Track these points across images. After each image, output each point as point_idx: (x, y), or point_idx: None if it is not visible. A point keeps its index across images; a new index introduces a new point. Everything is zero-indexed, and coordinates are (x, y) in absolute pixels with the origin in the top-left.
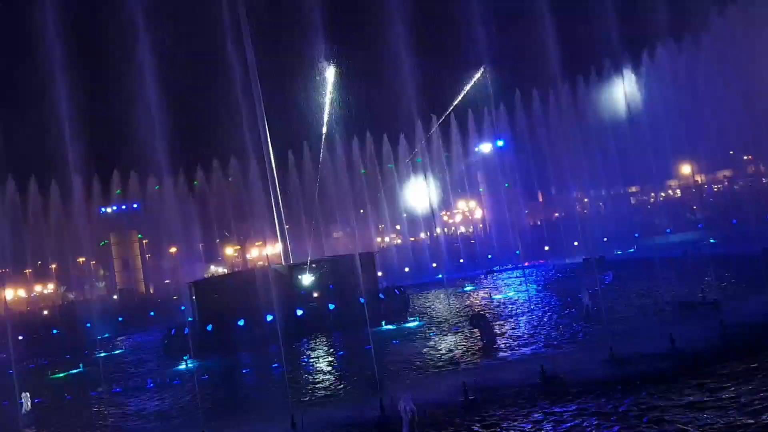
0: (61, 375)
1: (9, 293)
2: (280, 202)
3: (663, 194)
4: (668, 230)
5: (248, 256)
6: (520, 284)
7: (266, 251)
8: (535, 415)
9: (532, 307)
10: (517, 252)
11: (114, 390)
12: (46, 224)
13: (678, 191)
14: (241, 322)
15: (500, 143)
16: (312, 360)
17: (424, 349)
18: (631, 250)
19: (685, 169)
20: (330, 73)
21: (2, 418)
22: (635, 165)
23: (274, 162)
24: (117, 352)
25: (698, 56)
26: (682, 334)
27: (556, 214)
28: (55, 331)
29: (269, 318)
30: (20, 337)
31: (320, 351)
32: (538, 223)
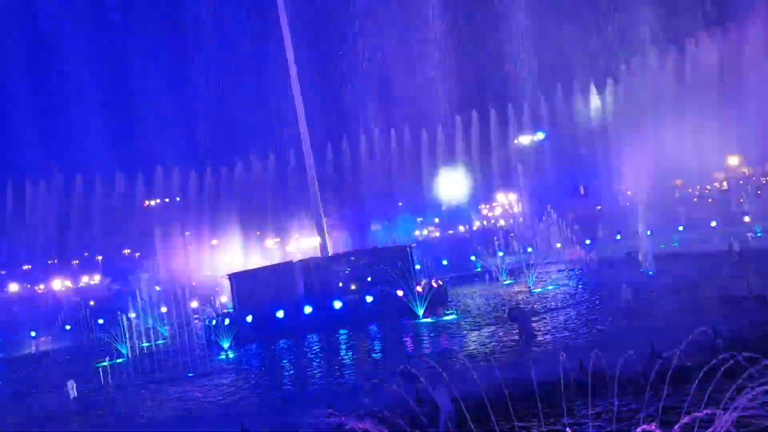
0: (106, 363)
1: (57, 284)
2: (318, 195)
3: (708, 187)
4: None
5: (288, 248)
6: (560, 278)
7: (306, 244)
8: (573, 411)
9: (571, 301)
10: (558, 245)
11: (156, 379)
12: (93, 218)
13: (725, 183)
14: (280, 313)
15: (541, 135)
16: (349, 351)
17: (461, 342)
18: (675, 244)
19: (732, 161)
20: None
21: (50, 404)
22: (681, 157)
23: (313, 157)
24: (159, 342)
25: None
26: (727, 328)
27: (599, 207)
28: (100, 321)
29: (308, 309)
30: (68, 327)
31: (358, 342)
32: (580, 215)
